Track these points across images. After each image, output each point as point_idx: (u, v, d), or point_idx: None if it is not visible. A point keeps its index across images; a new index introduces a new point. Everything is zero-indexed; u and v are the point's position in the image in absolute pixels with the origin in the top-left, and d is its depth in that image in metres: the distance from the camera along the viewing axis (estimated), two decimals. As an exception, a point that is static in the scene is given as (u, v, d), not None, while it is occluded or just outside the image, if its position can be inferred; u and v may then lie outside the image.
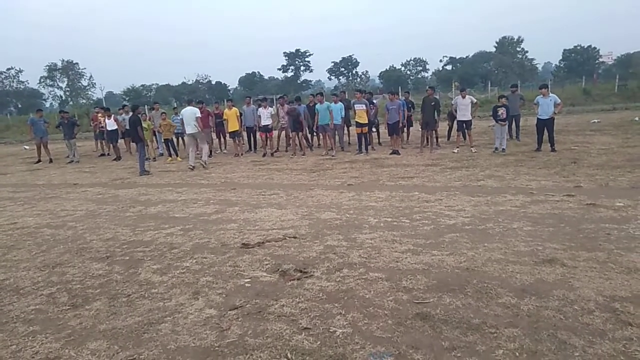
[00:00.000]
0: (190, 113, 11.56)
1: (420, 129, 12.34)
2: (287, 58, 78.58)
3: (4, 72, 70.71)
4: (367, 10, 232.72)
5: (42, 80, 71.25)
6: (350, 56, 77.59)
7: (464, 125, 11.87)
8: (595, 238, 4.58)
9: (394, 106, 11.92)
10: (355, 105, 12.20)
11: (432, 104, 11.86)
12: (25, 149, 21.33)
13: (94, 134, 17.22)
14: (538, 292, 3.43)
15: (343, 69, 78.84)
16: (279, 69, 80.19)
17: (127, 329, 3.29)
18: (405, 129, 13.53)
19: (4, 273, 4.62)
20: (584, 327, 2.92)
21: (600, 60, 68.96)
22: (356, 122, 12.06)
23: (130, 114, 11.96)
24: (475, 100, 12.26)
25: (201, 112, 13.67)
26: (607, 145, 11.00)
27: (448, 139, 14.06)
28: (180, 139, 15.09)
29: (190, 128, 11.52)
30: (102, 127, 15.54)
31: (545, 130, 10.63)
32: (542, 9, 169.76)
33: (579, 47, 67.51)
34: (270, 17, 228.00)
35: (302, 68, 79.76)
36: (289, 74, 79.45)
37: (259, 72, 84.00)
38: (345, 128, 14.27)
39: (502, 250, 4.35)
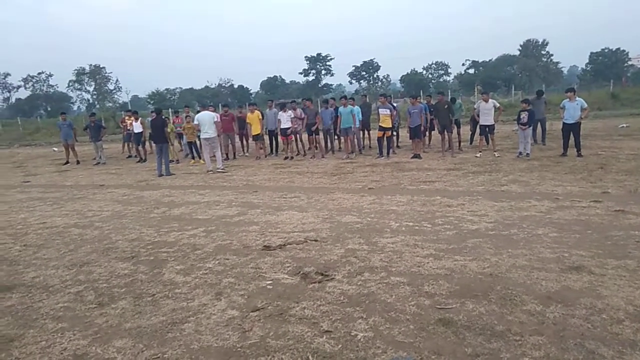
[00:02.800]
0: (208, 118, 11.56)
1: (440, 133, 12.31)
2: (308, 62, 78.88)
3: (35, 76, 73.26)
4: (389, 14, 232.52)
5: (70, 84, 73.46)
6: (371, 60, 77.38)
7: (487, 129, 11.73)
8: (624, 245, 4.45)
9: (416, 110, 11.94)
10: (379, 110, 12.19)
11: (445, 107, 11.98)
12: (54, 150, 21.94)
13: (123, 136, 17.69)
14: (564, 300, 3.36)
15: (364, 73, 78.61)
16: (300, 73, 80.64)
17: (152, 328, 3.35)
18: (427, 133, 13.46)
19: (34, 271, 4.77)
20: (613, 337, 2.84)
21: (630, 63, 67.16)
22: (379, 126, 12.04)
23: (155, 116, 12.22)
24: (498, 105, 12.10)
25: (226, 116, 13.90)
26: (636, 151, 10.69)
27: (471, 143, 13.90)
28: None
29: (207, 133, 11.51)
30: (129, 129, 15.93)
31: (572, 135, 10.41)
32: (568, 12, 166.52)
33: (606, 50, 65.66)
34: (292, 21, 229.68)
35: (323, 72, 79.91)
36: (310, 77, 79.72)
37: (280, 76, 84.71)
38: (366, 132, 14.28)
39: (526, 257, 4.27)
